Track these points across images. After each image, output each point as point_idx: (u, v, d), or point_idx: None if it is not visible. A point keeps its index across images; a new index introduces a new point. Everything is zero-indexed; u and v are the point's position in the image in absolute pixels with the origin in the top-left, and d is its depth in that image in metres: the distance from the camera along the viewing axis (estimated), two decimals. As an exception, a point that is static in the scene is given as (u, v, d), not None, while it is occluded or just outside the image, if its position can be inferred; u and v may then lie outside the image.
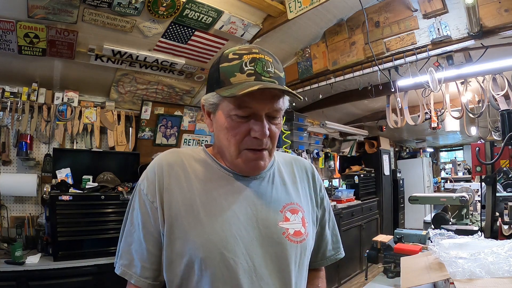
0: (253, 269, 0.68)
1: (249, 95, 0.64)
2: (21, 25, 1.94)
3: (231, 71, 0.68)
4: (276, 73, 0.69)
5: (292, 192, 0.80)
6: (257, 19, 2.39)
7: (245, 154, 0.71)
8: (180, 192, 0.71)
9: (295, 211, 0.76)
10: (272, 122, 0.71)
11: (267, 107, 0.69)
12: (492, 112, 2.89)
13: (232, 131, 0.70)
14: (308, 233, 0.77)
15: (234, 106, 0.68)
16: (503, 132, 1.73)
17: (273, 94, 0.68)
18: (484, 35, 1.95)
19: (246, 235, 0.69)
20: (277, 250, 0.71)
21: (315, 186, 0.87)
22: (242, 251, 0.68)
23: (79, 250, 2.04)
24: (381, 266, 1.58)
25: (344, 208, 3.91)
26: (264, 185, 0.77)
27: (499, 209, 1.77)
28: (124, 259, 0.73)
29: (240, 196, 0.73)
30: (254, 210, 0.72)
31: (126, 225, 0.75)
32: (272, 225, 0.72)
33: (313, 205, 0.84)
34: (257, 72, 0.67)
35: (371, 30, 2.42)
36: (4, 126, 2.34)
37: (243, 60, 0.68)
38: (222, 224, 0.68)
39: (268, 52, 0.73)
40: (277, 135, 0.74)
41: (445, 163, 8.54)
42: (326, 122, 4.13)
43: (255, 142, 0.69)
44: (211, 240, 0.67)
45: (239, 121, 0.69)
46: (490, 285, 0.85)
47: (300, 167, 0.87)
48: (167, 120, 3.01)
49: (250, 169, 0.73)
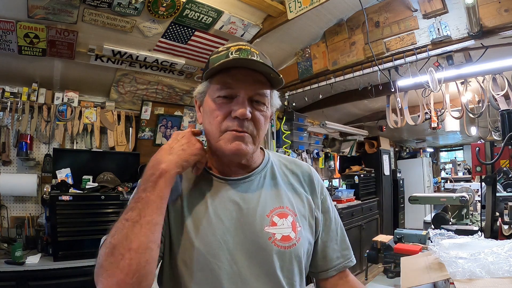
0: (238, 274, 0.67)
1: (231, 76, 0.69)
2: (21, 25, 1.94)
3: (218, 59, 0.69)
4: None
5: (283, 195, 0.78)
6: (257, 19, 2.39)
7: (226, 135, 0.70)
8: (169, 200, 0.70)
9: (284, 215, 0.74)
10: (255, 107, 0.71)
11: (249, 89, 0.70)
12: (492, 112, 2.89)
13: (214, 113, 0.71)
14: (299, 238, 0.74)
15: (217, 88, 0.71)
16: (503, 132, 1.73)
17: (255, 79, 0.70)
18: (484, 35, 1.95)
19: (230, 240, 0.69)
20: (263, 255, 0.70)
21: (313, 188, 0.84)
22: (227, 256, 0.67)
23: (79, 250, 2.04)
24: (381, 266, 1.58)
25: (344, 208, 3.92)
26: (253, 188, 0.76)
27: (499, 209, 1.77)
28: None
29: (226, 200, 0.73)
30: (240, 215, 0.72)
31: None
32: (258, 230, 0.71)
33: (311, 209, 0.81)
34: (241, 58, 0.69)
35: (371, 30, 2.42)
36: (4, 126, 2.34)
37: (230, 50, 0.71)
38: (206, 229, 0.69)
39: (258, 49, 0.74)
40: (262, 122, 0.73)
41: (445, 163, 8.53)
42: (326, 122, 4.13)
43: (236, 122, 0.69)
44: (195, 245, 0.67)
45: (222, 102, 0.70)
46: (490, 285, 0.85)
47: (296, 170, 0.85)
48: (167, 120, 3.01)
49: (231, 151, 0.70)
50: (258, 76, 0.70)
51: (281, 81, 0.72)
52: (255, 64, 0.68)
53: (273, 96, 0.76)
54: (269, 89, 0.74)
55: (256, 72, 0.70)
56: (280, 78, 0.71)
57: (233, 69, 0.69)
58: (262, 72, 0.70)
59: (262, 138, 0.76)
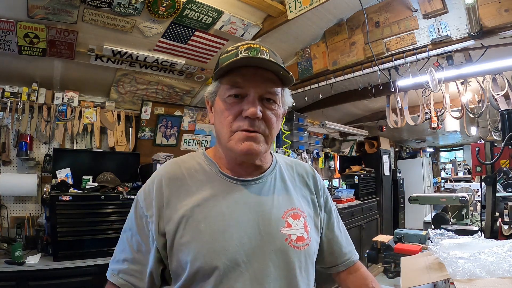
0: (255, 277, 0.66)
1: (241, 75, 0.68)
2: (21, 25, 1.94)
3: (227, 59, 0.69)
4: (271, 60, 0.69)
5: (293, 196, 0.78)
6: (257, 19, 2.39)
7: (237, 135, 0.69)
8: (180, 206, 0.70)
9: (297, 216, 0.74)
10: (266, 106, 0.70)
11: (259, 88, 0.69)
12: (492, 112, 2.89)
13: (225, 113, 0.70)
14: (311, 238, 0.75)
15: (227, 88, 0.70)
16: (503, 132, 1.73)
17: (265, 77, 0.69)
18: (484, 35, 1.95)
19: (248, 242, 0.68)
20: (280, 257, 0.69)
21: (317, 189, 0.85)
22: (243, 259, 0.66)
23: (79, 250, 2.04)
24: (381, 266, 1.58)
25: (344, 208, 3.91)
26: (266, 190, 0.75)
27: (499, 209, 1.77)
28: (114, 265, 0.73)
29: (241, 202, 0.71)
30: (256, 217, 0.70)
31: (122, 234, 0.76)
32: (275, 231, 0.70)
33: (316, 209, 0.82)
34: (251, 56, 0.69)
35: (371, 30, 2.42)
36: (4, 126, 2.34)
37: (240, 49, 0.70)
38: (223, 233, 0.67)
39: (268, 47, 0.73)
40: (273, 121, 0.72)
41: (445, 163, 8.54)
42: (326, 122, 4.13)
43: (246, 122, 0.68)
44: (212, 249, 0.66)
45: (232, 101, 0.70)
46: (490, 285, 0.85)
47: (301, 171, 0.86)
48: (167, 120, 3.01)
49: (242, 151, 0.69)
50: (268, 74, 0.69)
51: (291, 79, 0.71)
52: (264, 62, 0.67)
53: (284, 94, 0.75)
54: (280, 87, 0.72)
55: (266, 71, 0.69)
56: (290, 75, 0.70)
57: (243, 68, 0.68)
58: (272, 70, 0.69)
59: (274, 137, 0.75)
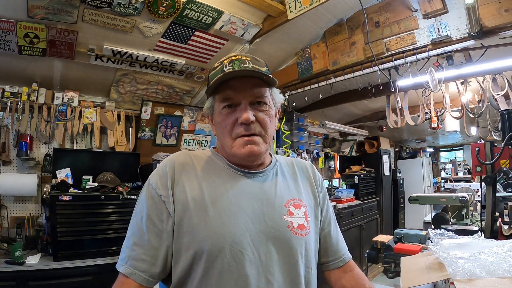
0: (259, 260, 0.71)
1: (229, 87, 0.75)
2: (21, 25, 1.94)
3: (215, 75, 0.76)
4: (254, 67, 0.76)
5: (294, 188, 0.85)
6: (257, 19, 2.39)
7: (237, 141, 0.77)
8: (190, 189, 0.75)
9: (298, 206, 0.81)
10: (258, 109, 0.77)
11: (247, 94, 0.76)
12: (492, 112, 2.89)
13: (223, 123, 0.78)
14: (310, 227, 0.81)
15: (220, 101, 0.77)
16: (503, 132, 1.73)
17: (252, 83, 0.76)
18: (484, 35, 1.95)
19: (253, 228, 0.73)
20: (283, 242, 0.75)
21: (316, 183, 0.91)
22: (249, 243, 0.71)
23: (79, 250, 2.04)
24: (381, 266, 1.58)
25: (344, 208, 3.91)
26: (268, 181, 0.82)
27: (499, 209, 1.77)
28: (123, 253, 0.73)
29: (247, 192, 0.78)
30: (260, 205, 0.76)
31: (131, 221, 0.77)
32: (277, 218, 0.76)
33: (317, 202, 0.88)
34: (235, 70, 0.74)
35: (371, 30, 2.42)
36: (4, 126, 2.34)
37: (224, 63, 0.77)
38: (229, 218, 0.72)
39: (249, 55, 0.80)
40: (267, 121, 0.78)
41: (445, 163, 8.53)
42: (326, 122, 4.13)
43: (243, 127, 0.75)
44: (219, 232, 0.70)
45: (227, 112, 0.77)
46: (490, 285, 0.85)
47: (300, 167, 0.93)
48: (167, 120, 3.01)
49: (245, 154, 0.76)
50: (253, 80, 0.76)
51: (275, 80, 0.78)
52: (246, 73, 0.75)
53: (273, 94, 0.82)
54: (267, 88, 0.79)
55: (251, 78, 0.76)
56: (272, 78, 0.77)
57: (231, 80, 0.75)
58: (256, 76, 0.76)
59: (271, 136, 0.81)
